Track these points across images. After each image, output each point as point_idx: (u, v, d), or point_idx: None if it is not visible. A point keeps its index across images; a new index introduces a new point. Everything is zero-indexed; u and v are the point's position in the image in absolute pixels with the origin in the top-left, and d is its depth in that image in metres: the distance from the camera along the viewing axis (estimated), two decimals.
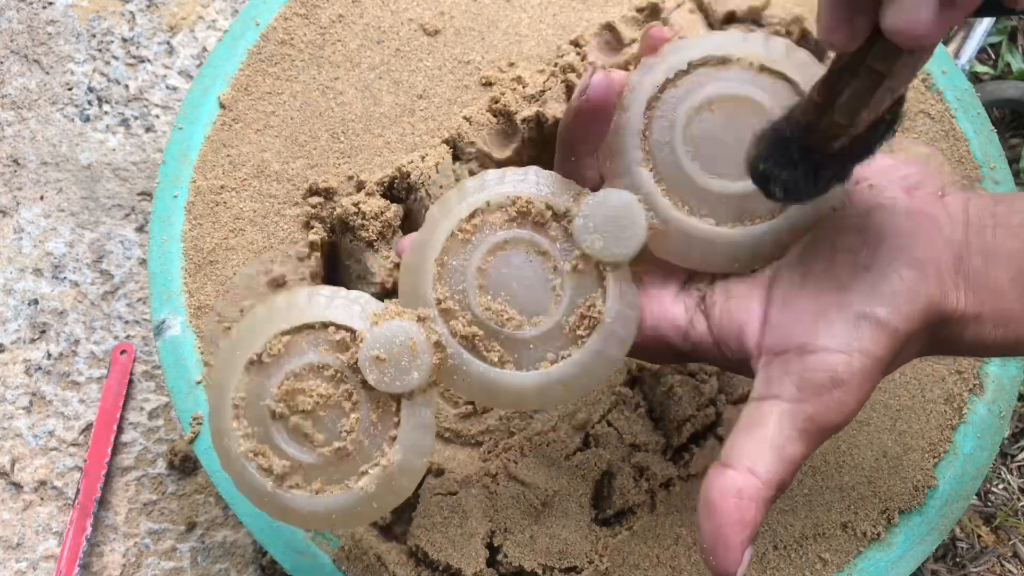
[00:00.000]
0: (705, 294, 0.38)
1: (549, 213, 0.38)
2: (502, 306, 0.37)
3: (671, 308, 0.38)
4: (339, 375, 0.38)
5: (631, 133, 0.37)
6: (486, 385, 0.38)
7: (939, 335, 0.35)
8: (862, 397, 0.33)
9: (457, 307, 0.38)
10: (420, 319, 0.37)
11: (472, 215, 0.38)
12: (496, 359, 0.38)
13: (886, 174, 0.37)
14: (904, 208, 0.35)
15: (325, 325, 0.38)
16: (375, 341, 0.37)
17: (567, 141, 0.39)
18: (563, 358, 0.37)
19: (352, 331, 0.38)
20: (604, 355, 0.37)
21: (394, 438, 0.37)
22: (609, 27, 0.58)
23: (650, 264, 0.39)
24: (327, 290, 0.39)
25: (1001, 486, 0.60)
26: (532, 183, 0.39)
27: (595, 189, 0.38)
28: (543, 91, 0.56)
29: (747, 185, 0.35)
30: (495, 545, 0.50)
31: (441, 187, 0.54)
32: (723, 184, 0.37)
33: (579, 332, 0.37)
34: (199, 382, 0.53)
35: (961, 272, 0.34)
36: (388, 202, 0.55)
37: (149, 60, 0.71)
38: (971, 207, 0.35)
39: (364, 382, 0.37)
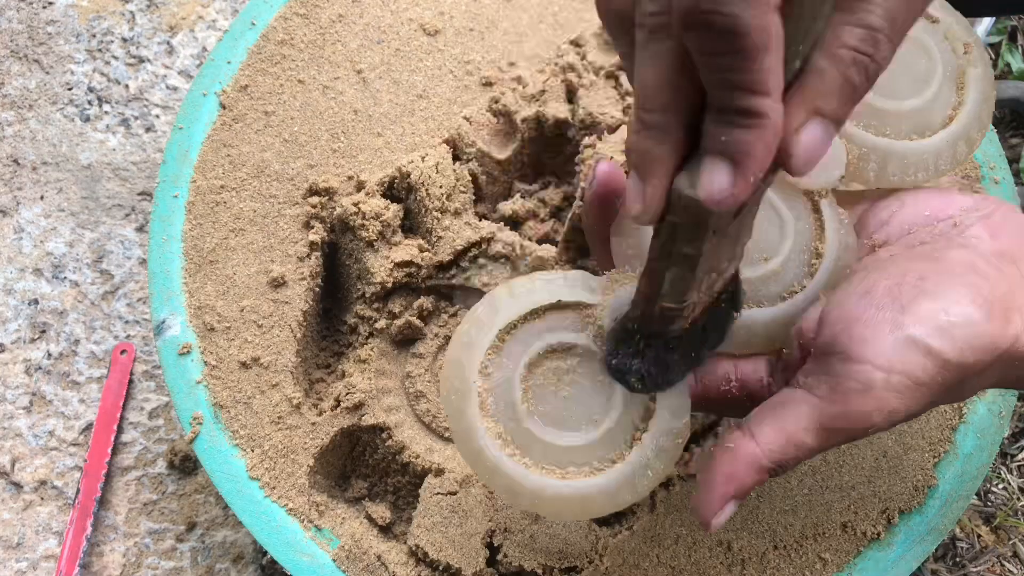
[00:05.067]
0: None
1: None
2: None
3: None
4: (579, 351, 0.37)
5: None
6: (739, 323, 0.38)
7: (1016, 373, 0.36)
8: (892, 415, 0.34)
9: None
10: None
11: None
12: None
13: (970, 213, 0.38)
14: (986, 249, 0.36)
15: (553, 306, 0.38)
16: (618, 307, 0.37)
17: (596, 232, 0.40)
18: (802, 288, 0.38)
19: (584, 305, 0.37)
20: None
21: (650, 410, 0.37)
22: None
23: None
24: (544, 274, 0.39)
25: (1001, 486, 0.60)
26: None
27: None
28: (543, 91, 0.56)
29: (917, 102, 0.40)
30: (495, 545, 0.50)
31: (441, 187, 0.54)
32: (900, 104, 0.40)
33: (813, 263, 0.39)
34: (199, 382, 0.53)
35: None
36: (388, 202, 0.55)
37: (149, 60, 0.71)
38: None
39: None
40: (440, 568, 0.49)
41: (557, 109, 0.55)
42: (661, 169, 0.29)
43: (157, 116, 0.70)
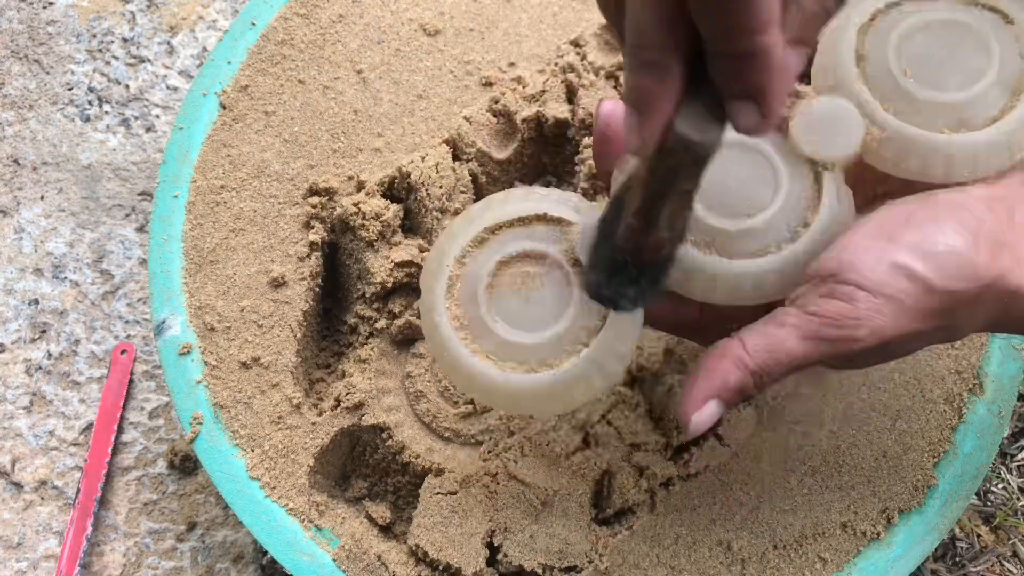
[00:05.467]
0: None
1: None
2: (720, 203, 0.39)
3: None
4: (549, 261, 0.40)
5: (846, 51, 0.39)
6: (704, 271, 0.38)
7: (1014, 311, 0.36)
8: (879, 332, 0.35)
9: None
10: None
11: None
12: (709, 251, 0.39)
13: None
14: (980, 193, 0.37)
15: (539, 217, 0.40)
16: (586, 228, 0.39)
17: (602, 168, 0.42)
18: (779, 250, 0.38)
19: (567, 222, 0.40)
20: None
21: (598, 328, 0.39)
22: (609, 27, 0.58)
23: None
24: (541, 189, 0.41)
25: (1001, 486, 0.60)
26: None
27: None
28: (543, 91, 0.57)
29: (964, 96, 0.38)
30: (495, 545, 0.50)
31: (441, 187, 0.54)
32: (937, 95, 0.38)
33: (798, 231, 0.38)
34: (199, 382, 0.53)
35: None
36: (388, 202, 0.55)
37: (149, 60, 0.71)
38: None
39: (574, 269, 0.39)
40: (440, 568, 0.49)
41: (557, 109, 0.55)
42: (660, 106, 0.30)
43: (157, 116, 0.70)
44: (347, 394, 0.53)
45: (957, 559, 0.58)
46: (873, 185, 0.41)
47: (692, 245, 0.38)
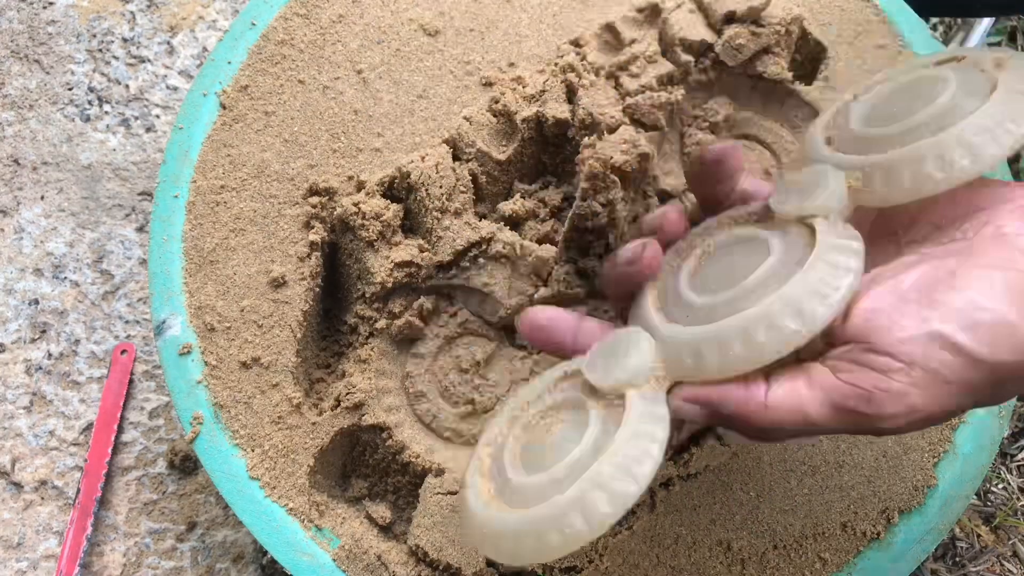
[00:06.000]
0: None
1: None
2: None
3: None
4: (569, 403, 0.38)
5: (816, 137, 0.42)
6: (689, 342, 0.36)
7: None
8: (912, 412, 0.32)
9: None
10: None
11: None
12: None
13: (1002, 205, 0.35)
14: (1022, 244, 0.33)
15: (564, 376, 0.40)
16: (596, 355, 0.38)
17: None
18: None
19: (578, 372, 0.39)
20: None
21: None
22: (609, 27, 0.58)
23: None
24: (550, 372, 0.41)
25: (1001, 486, 0.60)
26: None
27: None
28: (543, 91, 0.56)
29: (924, 113, 0.38)
30: None
31: (440, 187, 0.54)
32: (900, 124, 0.39)
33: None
34: (199, 382, 0.53)
35: None
36: (388, 202, 0.55)
37: (149, 60, 0.71)
38: None
39: (599, 403, 0.37)
40: (440, 568, 0.49)
41: (557, 109, 0.55)
42: None
43: (157, 116, 0.70)
44: (347, 394, 0.53)
45: (957, 559, 0.58)
46: (892, 235, 0.39)
47: (678, 325, 0.37)
